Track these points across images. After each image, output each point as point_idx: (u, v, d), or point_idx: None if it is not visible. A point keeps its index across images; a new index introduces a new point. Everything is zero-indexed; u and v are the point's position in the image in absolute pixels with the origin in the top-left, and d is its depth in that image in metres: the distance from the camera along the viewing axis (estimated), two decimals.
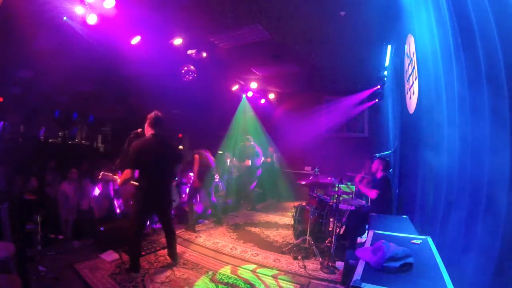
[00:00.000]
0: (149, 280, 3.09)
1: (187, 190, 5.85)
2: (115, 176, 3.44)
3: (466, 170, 1.60)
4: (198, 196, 5.57)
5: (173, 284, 3.06)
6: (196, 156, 5.20)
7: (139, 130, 3.53)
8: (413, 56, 2.99)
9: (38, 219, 3.11)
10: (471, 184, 1.55)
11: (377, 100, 7.78)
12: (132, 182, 3.40)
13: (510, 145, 1.18)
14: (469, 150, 1.57)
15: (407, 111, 3.51)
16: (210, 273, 3.37)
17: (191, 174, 6.24)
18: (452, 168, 1.86)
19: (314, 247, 3.93)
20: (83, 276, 3.10)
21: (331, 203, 4.42)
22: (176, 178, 5.30)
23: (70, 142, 13.72)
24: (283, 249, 4.17)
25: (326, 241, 4.27)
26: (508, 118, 1.19)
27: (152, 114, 3.38)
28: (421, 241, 1.96)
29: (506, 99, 1.19)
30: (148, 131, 3.36)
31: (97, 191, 4.77)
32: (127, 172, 3.18)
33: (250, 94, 8.77)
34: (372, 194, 3.93)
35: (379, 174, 4.09)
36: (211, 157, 5.51)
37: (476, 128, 1.47)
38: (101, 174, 3.45)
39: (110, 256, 3.61)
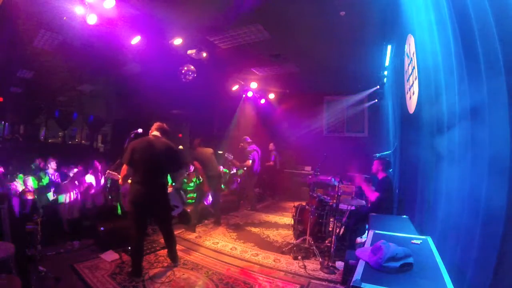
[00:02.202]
0: (149, 280, 3.09)
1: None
2: (119, 176, 3.44)
3: (466, 170, 1.60)
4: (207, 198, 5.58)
5: (173, 284, 3.06)
6: (196, 163, 5.04)
7: (139, 130, 3.53)
8: (413, 56, 2.98)
9: (38, 219, 3.11)
10: (471, 184, 1.55)
11: (376, 100, 7.79)
12: (130, 181, 3.39)
13: (511, 145, 1.18)
14: (469, 150, 1.57)
15: (407, 111, 3.50)
16: (210, 273, 3.37)
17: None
18: (452, 168, 1.86)
19: (314, 247, 3.93)
20: (83, 276, 3.10)
21: (331, 203, 4.41)
22: (174, 184, 5.21)
23: (70, 142, 13.75)
24: (283, 249, 4.17)
25: (326, 241, 4.27)
26: (508, 118, 1.19)
27: (158, 122, 3.45)
28: (421, 241, 1.96)
29: (506, 98, 1.19)
30: (152, 132, 3.38)
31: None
32: (123, 169, 3.19)
33: (250, 94, 8.77)
34: (372, 196, 3.90)
35: (381, 175, 4.07)
36: (209, 155, 5.33)
37: (477, 128, 1.47)
38: (107, 172, 3.45)
39: (110, 256, 3.61)
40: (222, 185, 6.48)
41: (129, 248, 3.27)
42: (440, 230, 2.03)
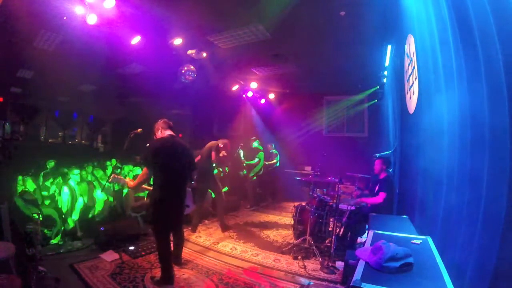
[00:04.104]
0: (149, 280, 3.09)
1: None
2: (126, 179, 3.35)
3: (466, 170, 1.60)
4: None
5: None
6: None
7: (139, 130, 3.52)
8: (413, 56, 2.99)
9: (38, 219, 3.11)
10: (471, 184, 1.55)
11: (376, 100, 7.79)
12: (144, 186, 3.30)
13: (510, 144, 1.18)
14: (469, 150, 1.57)
15: (407, 111, 3.51)
16: (210, 273, 3.37)
17: None
18: (452, 168, 1.86)
19: (314, 247, 3.93)
20: (83, 276, 3.10)
21: (331, 203, 4.41)
22: (193, 182, 5.08)
23: (70, 142, 13.74)
24: (283, 249, 4.17)
25: (326, 241, 4.27)
26: (507, 116, 1.19)
27: (164, 119, 3.25)
28: (421, 241, 1.96)
29: (505, 98, 1.19)
30: (165, 132, 3.19)
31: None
32: (145, 172, 3.00)
33: (250, 94, 8.77)
34: (379, 198, 3.85)
35: (382, 175, 4.06)
36: (205, 149, 5.04)
37: (476, 127, 1.47)
38: (111, 176, 3.32)
39: (110, 256, 3.61)
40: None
41: (159, 258, 3.07)
42: (440, 230, 2.04)
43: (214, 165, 5.38)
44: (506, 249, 1.17)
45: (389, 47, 4.92)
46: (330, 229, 4.38)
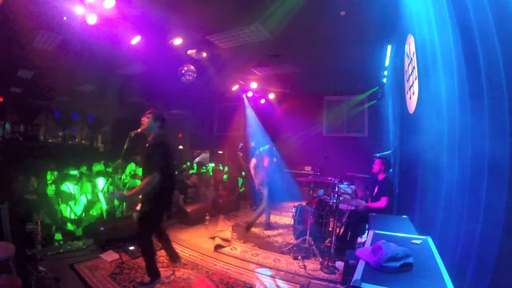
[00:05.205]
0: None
1: None
2: (120, 193, 3.37)
3: (466, 170, 1.60)
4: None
5: (173, 284, 3.06)
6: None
7: (139, 130, 3.51)
8: (413, 56, 2.98)
9: (38, 219, 3.11)
10: (471, 184, 1.55)
11: (376, 100, 7.79)
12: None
13: (510, 144, 1.18)
14: (469, 150, 1.57)
15: (407, 111, 3.50)
16: (210, 273, 3.37)
17: None
18: (452, 168, 1.86)
19: (314, 247, 3.93)
20: (83, 276, 3.10)
21: (331, 203, 4.41)
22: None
23: (70, 142, 13.75)
24: (283, 249, 4.17)
25: (326, 241, 4.27)
26: (507, 117, 1.19)
27: (162, 113, 3.16)
28: (421, 241, 1.96)
29: (505, 97, 1.19)
30: (158, 131, 3.13)
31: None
32: (155, 176, 2.79)
33: (250, 94, 8.77)
34: (382, 203, 3.80)
35: (381, 176, 4.03)
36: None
37: (476, 128, 1.47)
38: (109, 194, 3.34)
39: (110, 256, 3.61)
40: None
41: (147, 258, 3.03)
42: (440, 230, 2.03)
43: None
44: (506, 249, 1.17)
45: (389, 47, 4.92)
46: (330, 229, 4.38)
